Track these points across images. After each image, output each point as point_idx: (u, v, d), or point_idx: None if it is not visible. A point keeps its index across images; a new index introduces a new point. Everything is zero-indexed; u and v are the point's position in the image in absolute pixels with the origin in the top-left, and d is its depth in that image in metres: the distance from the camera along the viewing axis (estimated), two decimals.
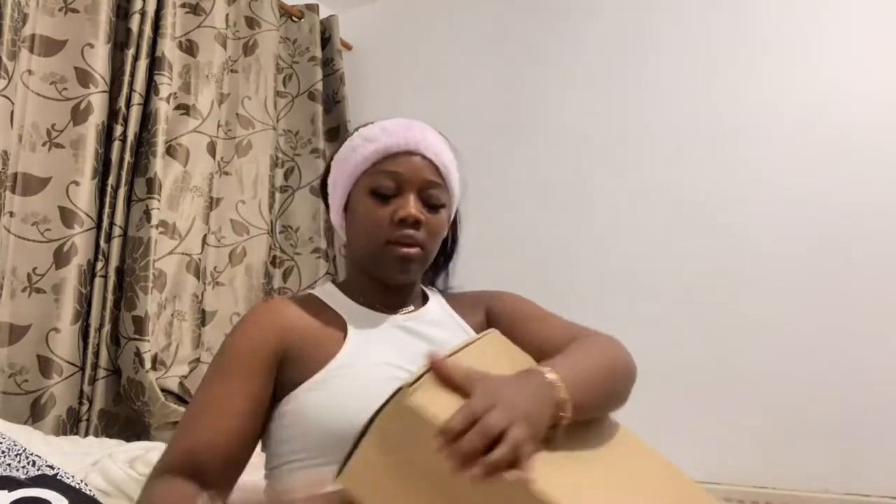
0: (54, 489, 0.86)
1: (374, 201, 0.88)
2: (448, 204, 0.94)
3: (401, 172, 0.88)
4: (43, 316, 1.56)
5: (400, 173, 0.88)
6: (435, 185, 0.90)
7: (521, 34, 2.30)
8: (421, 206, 0.89)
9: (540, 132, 2.20)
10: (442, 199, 0.91)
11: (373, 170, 0.89)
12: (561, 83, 2.19)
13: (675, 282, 1.89)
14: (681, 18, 2.02)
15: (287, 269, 2.26)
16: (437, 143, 0.92)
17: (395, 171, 0.88)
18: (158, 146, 1.78)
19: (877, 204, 1.68)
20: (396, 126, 0.90)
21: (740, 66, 1.91)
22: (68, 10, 1.70)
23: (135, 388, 1.63)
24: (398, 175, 0.88)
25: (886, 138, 1.70)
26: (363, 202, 0.90)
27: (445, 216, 0.93)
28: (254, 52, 2.22)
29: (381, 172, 0.88)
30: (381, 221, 0.87)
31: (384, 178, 0.88)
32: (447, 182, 0.92)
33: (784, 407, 1.69)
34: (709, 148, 1.92)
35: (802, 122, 1.80)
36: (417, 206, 0.88)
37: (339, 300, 0.94)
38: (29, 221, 1.59)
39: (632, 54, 2.09)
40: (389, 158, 0.89)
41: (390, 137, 0.89)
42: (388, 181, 0.88)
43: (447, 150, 0.94)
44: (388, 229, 0.87)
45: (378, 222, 0.87)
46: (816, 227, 1.74)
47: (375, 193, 0.88)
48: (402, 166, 0.88)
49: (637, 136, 2.03)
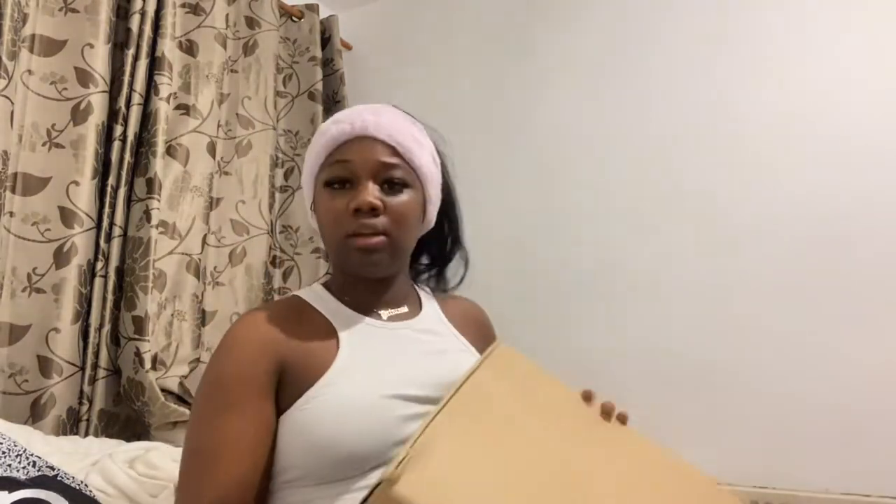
0: (55, 490, 0.86)
1: (330, 194, 0.86)
2: (414, 184, 0.88)
3: (351, 160, 0.84)
4: (43, 316, 1.56)
5: (350, 161, 0.84)
6: (391, 166, 0.85)
7: (522, 34, 2.29)
8: (379, 191, 0.84)
9: (540, 132, 2.20)
10: (405, 180, 0.86)
11: (327, 162, 0.87)
12: (561, 83, 2.19)
13: (675, 282, 1.89)
14: (680, 18, 2.02)
15: (287, 269, 2.26)
16: (391, 123, 0.86)
17: (345, 160, 0.85)
18: (158, 146, 1.78)
19: (880, 203, 1.68)
20: (347, 114, 0.87)
21: (740, 65, 1.91)
22: (68, 10, 1.69)
23: (135, 388, 1.63)
24: (348, 163, 0.84)
25: (889, 137, 1.70)
26: (322, 197, 0.87)
27: (411, 197, 0.87)
28: (254, 52, 2.22)
29: (334, 163, 0.86)
30: (338, 214, 0.84)
31: (336, 169, 0.85)
32: (409, 161, 0.87)
33: (784, 407, 1.69)
34: (708, 147, 1.92)
35: (803, 120, 1.80)
36: (374, 192, 0.83)
37: (327, 302, 0.90)
38: (29, 221, 1.58)
39: (631, 54, 2.09)
40: (340, 148, 0.86)
41: (339, 126, 0.86)
42: (339, 171, 0.85)
43: (407, 127, 0.88)
44: (347, 222, 0.83)
45: (336, 215, 0.84)
46: (817, 227, 1.74)
47: (330, 185, 0.86)
48: (352, 153, 0.85)
49: (636, 135, 2.03)
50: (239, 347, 0.81)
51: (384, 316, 0.90)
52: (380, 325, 0.88)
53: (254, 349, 0.80)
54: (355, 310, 0.89)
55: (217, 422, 0.76)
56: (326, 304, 0.89)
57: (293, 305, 0.89)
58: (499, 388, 0.72)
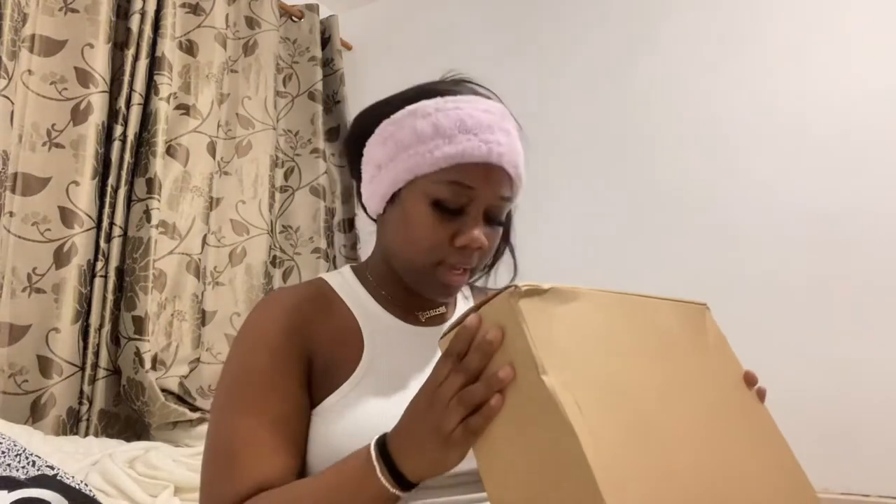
0: (54, 489, 0.86)
1: (436, 214, 0.73)
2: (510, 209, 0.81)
3: (475, 189, 0.73)
4: (43, 316, 1.56)
5: (474, 190, 0.73)
6: (507, 200, 0.76)
7: (522, 34, 2.30)
8: (485, 226, 0.75)
9: (540, 132, 2.20)
10: (506, 213, 0.79)
11: (441, 176, 0.72)
12: (561, 83, 2.20)
13: (674, 281, 1.89)
14: (679, 18, 2.02)
15: (287, 269, 2.26)
16: (515, 148, 0.76)
17: (468, 187, 0.72)
18: (158, 146, 1.78)
19: (877, 203, 1.68)
20: (476, 124, 0.73)
21: (738, 66, 1.91)
22: (68, 10, 1.70)
23: (135, 388, 1.63)
24: (471, 192, 0.73)
25: (886, 138, 1.70)
26: (420, 210, 0.74)
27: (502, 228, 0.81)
28: (254, 52, 2.22)
29: (452, 184, 0.72)
30: (439, 241, 0.73)
31: (454, 193, 0.72)
32: (519, 191, 0.79)
33: (783, 407, 1.68)
34: (707, 147, 1.92)
35: (801, 121, 1.80)
36: (484, 229, 0.75)
37: (357, 295, 0.81)
38: (29, 221, 1.59)
39: (631, 55, 2.09)
40: (464, 170, 0.72)
41: (471, 142, 0.72)
42: (458, 196, 0.73)
43: (519, 144, 0.78)
44: (445, 252, 0.74)
45: (435, 241, 0.73)
46: (814, 227, 1.74)
47: (439, 205, 0.73)
48: (478, 181, 0.72)
49: (636, 136, 2.03)
50: (267, 333, 0.74)
51: (422, 317, 0.83)
52: (409, 330, 0.81)
53: (280, 334, 0.73)
54: (389, 307, 0.82)
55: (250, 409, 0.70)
56: (356, 296, 0.81)
57: (320, 293, 0.81)
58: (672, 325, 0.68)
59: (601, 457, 0.47)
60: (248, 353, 0.73)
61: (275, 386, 0.71)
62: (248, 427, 0.69)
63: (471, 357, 0.55)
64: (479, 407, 0.53)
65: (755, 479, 0.61)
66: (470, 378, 0.55)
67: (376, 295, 0.82)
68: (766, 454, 0.66)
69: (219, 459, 0.69)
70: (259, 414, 0.70)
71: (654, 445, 0.52)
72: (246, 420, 0.69)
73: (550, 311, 0.54)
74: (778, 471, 0.67)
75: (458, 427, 0.54)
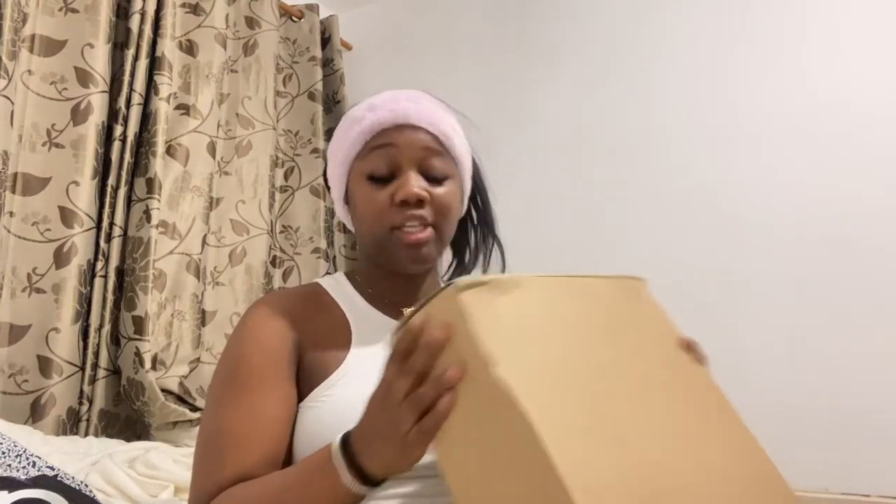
0: (54, 490, 0.86)
1: (371, 186, 0.80)
2: (454, 174, 0.84)
3: (393, 149, 0.79)
4: (43, 316, 1.56)
5: (392, 150, 0.79)
6: (435, 153, 0.81)
7: (522, 34, 2.30)
8: (423, 181, 0.80)
9: (540, 132, 2.20)
10: (446, 171, 0.82)
11: (364, 152, 0.81)
12: (562, 83, 2.19)
13: (675, 280, 1.89)
14: (686, 16, 2.02)
15: (287, 269, 2.26)
16: (432, 110, 0.82)
17: (386, 149, 0.79)
18: (158, 146, 1.78)
19: (883, 202, 1.68)
20: (383, 100, 0.82)
21: (744, 65, 1.91)
22: (68, 10, 1.69)
23: (135, 388, 1.63)
24: (391, 152, 0.79)
25: (889, 137, 1.70)
26: (360, 189, 0.81)
27: (454, 188, 0.83)
28: (254, 52, 2.22)
29: (373, 152, 0.80)
30: (381, 207, 0.79)
31: (377, 159, 0.80)
32: (450, 150, 0.83)
33: (783, 406, 1.69)
34: (712, 146, 1.92)
35: (808, 120, 1.80)
36: (419, 182, 0.79)
37: (347, 293, 0.85)
38: (29, 221, 1.58)
39: (632, 52, 2.09)
40: (379, 136, 0.80)
41: (377, 113, 0.80)
42: (381, 161, 0.80)
43: (446, 115, 0.84)
44: (391, 214, 0.78)
45: (378, 208, 0.79)
46: (819, 225, 1.74)
47: (371, 177, 0.80)
48: (393, 138, 0.80)
49: (640, 134, 2.03)
50: (259, 329, 0.78)
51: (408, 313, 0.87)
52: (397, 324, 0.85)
53: (274, 331, 0.77)
54: (377, 304, 0.85)
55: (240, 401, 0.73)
56: (346, 295, 0.85)
57: (311, 292, 0.85)
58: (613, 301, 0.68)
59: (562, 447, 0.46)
60: (240, 347, 0.77)
61: (263, 378, 0.74)
62: (236, 418, 0.72)
63: (417, 358, 0.54)
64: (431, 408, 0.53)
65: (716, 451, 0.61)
66: (417, 379, 0.54)
67: (364, 293, 0.86)
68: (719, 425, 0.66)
69: (206, 450, 0.72)
70: (247, 405, 0.72)
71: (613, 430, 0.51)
72: (234, 411, 0.72)
73: (494, 303, 0.53)
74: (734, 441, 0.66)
75: (413, 429, 0.54)
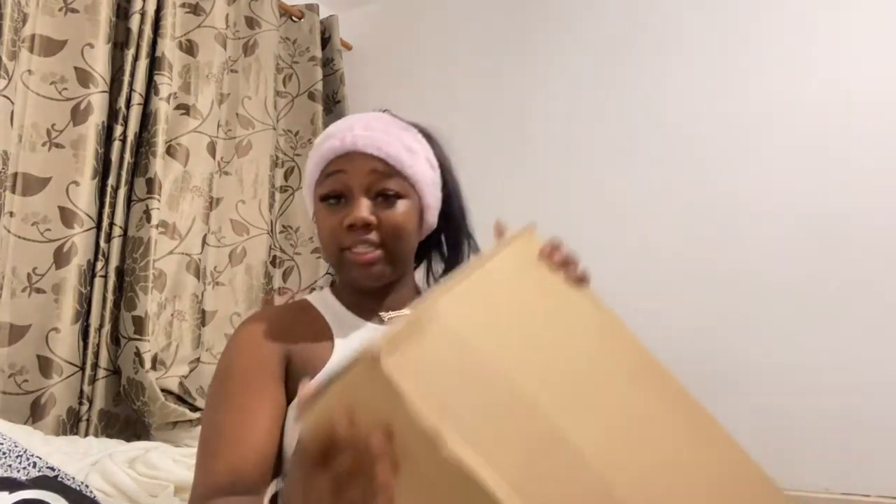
0: (55, 491, 0.86)
1: (327, 209, 0.87)
2: (409, 194, 0.88)
3: (343, 175, 0.85)
4: (43, 316, 1.56)
5: (342, 177, 0.85)
6: (382, 177, 0.85)
7: (522, 34, 2.29)
8: (372, 205, 0.85)
9: (540, 132, 2.20)
10: (399, 190, 0.86)
11: (321, 178, 0.88)
12: (561, 83, 2.19)
13: (674, 280, 1.89)
14: (688, 14, 2.02)
15: (287, 269, 2.26)
16: (381, 136, 0.86)
17: (337, 176, 0.86)
18: (158, 146, 1.78)
19: (879, 204, 1.68)
20: (338, 129, 0.89)
21: (741, 67, 1.91)
22: (68, 10, 1.69)
23: (135, 388, 1.63)
24: (341, 178, 0.86)
25: (889, 134, 1.70)
26: (319, 211, 0.89)
27: (406, 208, 0.87)
28: (254, 52, 2.22)
29: (328, 178, 0.87)
30: (334, 229, 0.86)
31: (329, 183, 0.86)
32: (401, 171, 0.87)
33: (783, 406, 1.69)
34: (713, 146, 1.92)
35: (803, 123, 1.80)
36: (366, 207, 0.84)
37: (329, 304, 0.92)
38: (29, 221, 1.58)
39: (635, 52, 2.09)
40: (332, 163, 0.87)
41: (331, 142, 0.87)
42: (332, 185, 0.86)
43: (398, 137, 0.88)
44: (342, 236, 0.85)
45: (332, 230, 0.86)
46: (815, 227, 1.74)
47: (326, 200, 0.87)
48: (343, 165, 0.86)
49: (636, 134, 2.03)
50: (248, 339, 0.84)
51: (385, 318, 0.91)
52: (376, 328, 0.89)
53: (262, 339, 0.83)
54: (357, 311, 0.90)
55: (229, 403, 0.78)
56: (329, 306, 0.91)
57: (298, 307, 0.92)
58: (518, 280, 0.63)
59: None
60: (230, 357, 0.84)
61: (253, 382, 0.79)
62: (228, 420, 0.77)
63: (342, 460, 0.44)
64: None
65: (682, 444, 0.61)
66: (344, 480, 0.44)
67: (344, 302, 0.92)
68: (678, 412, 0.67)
69: (202, 452, 0.78)
70: (238, 408, 0.77)
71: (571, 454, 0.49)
72: (226, 414, 0.78)
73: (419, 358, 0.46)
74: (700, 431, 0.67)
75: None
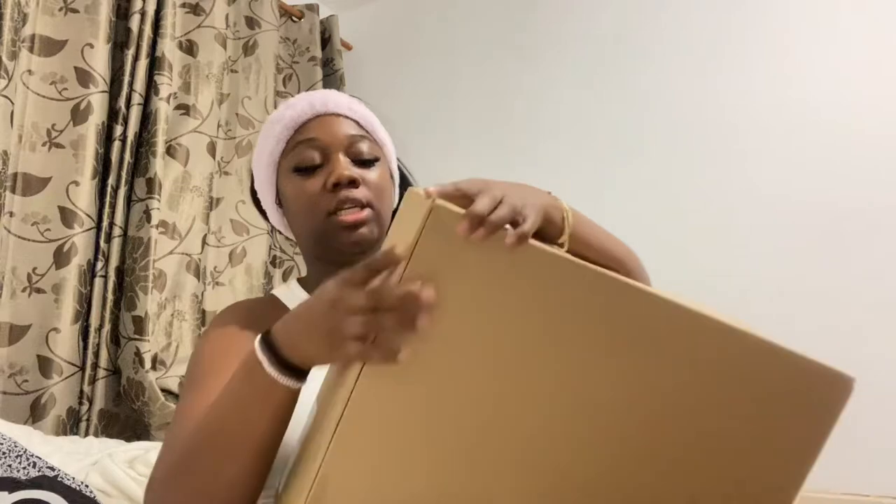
0: (55, 491, 0.86)
1: (301, 177, 0.81)
2: (381, 158, 0.85)
3: (318, 137, 0.81)
4: (43, 316, 1.56)
5: (317, 138, 0.81)
6: (359, 138, 0.83)
7: (522, 33, 2.29)
8: (352, 165, 0.81)
9: (540, 132, 2.20)
10: (374, 153, 0.84)
11: (289, 146, 0.83)
12: (560, 83, 2.19)
13: (673, 280, 1.88)
14: (690, 12, 2.02)
15: (287, 269, 2.26)
16: (345, 99, 0.85)
17: (311, 139, 0.81)
18: (158, 146, 1.78)
19: (879, 203, 1.68)
20: (299, 98, 0.85)
21: (738, 65, 1.91)
22: (68, 10, 1.69)
23: (135, 388, 1.63)
24: (316, 141, 0.81)
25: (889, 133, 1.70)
26: (290, 184, 0.83)
27: (384, 171, 0.85)
28: (254, 52, 2.22)
29: (299, 145, 0.82)
30: (314, 195, 0.80)
31: (303, 150, 0.81)
32: (373, 133, 0.85)
33: None
34: (714, 145, 1.92)
35: (801, 121, 1.80)
36: (348, 165, 0.81)
37: (297, 296, 0.87)
38: (29, 221, 1.59)
39: (636, 52, 2.09)
40: (302, 130, 0.82)
41: (295, 109, 0.83)
42: (308, 151, 0.81)
43: (360, 105, 0.87)
44: (325, 200, 0.80)
45: (311, 197, 0.80)
46: (814, 226, 1.74)
47: (299, 169, 0.82)
48: (317, 131, 0.82)
49: (637, 134, 2.03)
50: (215, 330, 0.82)
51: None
52: None
53: (229, 329, 0.81)
54: None
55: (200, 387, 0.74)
56: (297, 298, 0.86)
57: (266, 301, 0.89)
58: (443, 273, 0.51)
59: None
60: (201, 345, 0.82)
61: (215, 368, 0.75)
62: (192, 401, 0.73)
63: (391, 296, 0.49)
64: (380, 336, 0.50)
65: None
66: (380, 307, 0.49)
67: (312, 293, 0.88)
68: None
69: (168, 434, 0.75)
70: (200, 391, 0.74)
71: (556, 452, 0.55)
72: (192, 397, 0.74)
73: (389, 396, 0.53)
74: None
75: (353, 344, 0.50)
